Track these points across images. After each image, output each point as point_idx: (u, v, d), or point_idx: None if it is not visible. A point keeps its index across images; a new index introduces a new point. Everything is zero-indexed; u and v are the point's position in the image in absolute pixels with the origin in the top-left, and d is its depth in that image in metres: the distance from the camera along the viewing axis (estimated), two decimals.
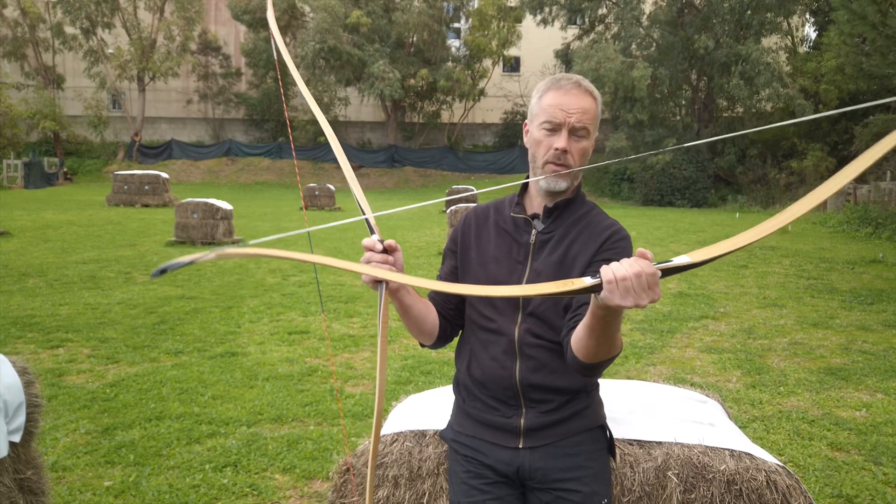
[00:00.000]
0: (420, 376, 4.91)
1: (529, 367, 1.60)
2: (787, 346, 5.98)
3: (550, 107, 1.57)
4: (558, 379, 1.61)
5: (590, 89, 1.59)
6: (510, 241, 1.68)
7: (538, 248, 1.65)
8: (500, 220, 1.72)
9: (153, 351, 5.49)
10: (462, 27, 38.14)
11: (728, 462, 1.77)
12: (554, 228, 1.65)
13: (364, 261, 1.40)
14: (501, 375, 1.62)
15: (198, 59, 39.03)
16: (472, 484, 1.63)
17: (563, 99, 1.56)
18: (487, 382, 1.64)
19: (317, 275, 9.31)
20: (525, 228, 1.68)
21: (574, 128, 1.55)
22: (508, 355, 1.62)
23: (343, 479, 1.90)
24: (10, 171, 30.56)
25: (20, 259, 10.14)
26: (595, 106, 1.59)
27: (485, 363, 1.65)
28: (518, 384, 1.61)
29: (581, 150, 1.58)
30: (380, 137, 39.81)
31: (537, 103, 1.62)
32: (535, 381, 1.61)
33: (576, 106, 1.55)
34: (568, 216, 1.66)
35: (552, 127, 1.57)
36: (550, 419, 1.62)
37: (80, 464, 3.40)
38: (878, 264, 10.85)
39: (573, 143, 1.57)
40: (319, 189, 22.44)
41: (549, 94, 1.59)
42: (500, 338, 1.63)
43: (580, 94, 1.57)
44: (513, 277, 1.64)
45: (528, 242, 1.66)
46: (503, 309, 1.64)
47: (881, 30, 9.36)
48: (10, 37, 36.10)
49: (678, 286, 8.78)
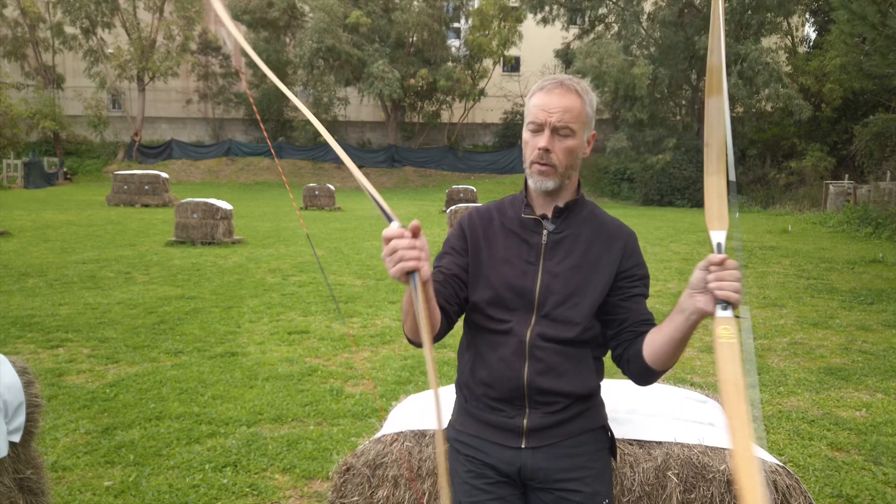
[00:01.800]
0: (420, 376, 4.91)
1: (538, 370, 1.60)
2: (787, 345, 5.98)
3: (535, 108, 1.60)
4: (566, 383, 1.61)
5: (574, 87, 1.59)
6: (519, 242, 1.67)
7: (550, 249, 1.65)
8: (506, 221, 1.71)
9: (153, 351, 5.49)
10: (462, 27, 38.14)
11: (728, 462, 1.77)
12: (564, 228, 1.66)
13: (389, 253, 1.26)
14: (509, 377, 1.61)
15: (197, 58, 39.02)
16: (474, 484, 1.62)
17: (544, 99, 1.58)
18: (494, 383, 1.63)
19: (327, 279, 9.32)
20: (534, 229, 1.67)
21: (555, 127, 1.57)
22: (518, 357, 1.61)
23: (343, 479, 1.90)
24: (10, 171, 30.55)
25: (20, 259, 10.14)
26: (580, 103, 1.59)
27: (492, 364, 1.64)
28: (525, 386, 1.61)
29: (565, 149, 1.59)
30: (379, 137, 39.81)
31: (527, 106, 1.66)
32: (543, 384, 1.60)
33: (556, 105, 1.57)
34: (577, 215, 1.68)
35: (535, 127, 1.60)
36: (554, 420, 1.62)
37: (79, 464, 3.40)
38: (878, 264, 10.86)
39: (556, 142, 1.58)
40: (319, 189, 22.43)
41: (535, 95, 1.62)
42: (510, 339, 1.62)
43: (562, 94, 1.58)
44: (526, 279, 1.63)
45: (539, 243, 1.66)
46: (517, 310, 1.63)
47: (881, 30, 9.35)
48: (10, 37, 36.09)
49: (678, 286, 8.78)
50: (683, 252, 12.29)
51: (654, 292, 8.11)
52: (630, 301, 1.65)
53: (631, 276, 1.66)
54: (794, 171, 26.60)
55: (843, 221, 17.12)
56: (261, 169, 36.53)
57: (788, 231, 16.34)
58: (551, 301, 1.62)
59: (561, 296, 1.62)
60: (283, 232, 14.78)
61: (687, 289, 1.42)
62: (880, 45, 9.78)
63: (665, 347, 1.50)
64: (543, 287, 1.63)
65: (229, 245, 12.44)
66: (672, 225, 18.14)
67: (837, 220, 17.46)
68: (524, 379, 1.60)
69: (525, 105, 1.68)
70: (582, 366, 1.64)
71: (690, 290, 1.39)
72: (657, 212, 24.31)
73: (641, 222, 18.53)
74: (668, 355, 1.50)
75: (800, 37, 32.29)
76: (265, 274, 9.36)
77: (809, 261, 11.22)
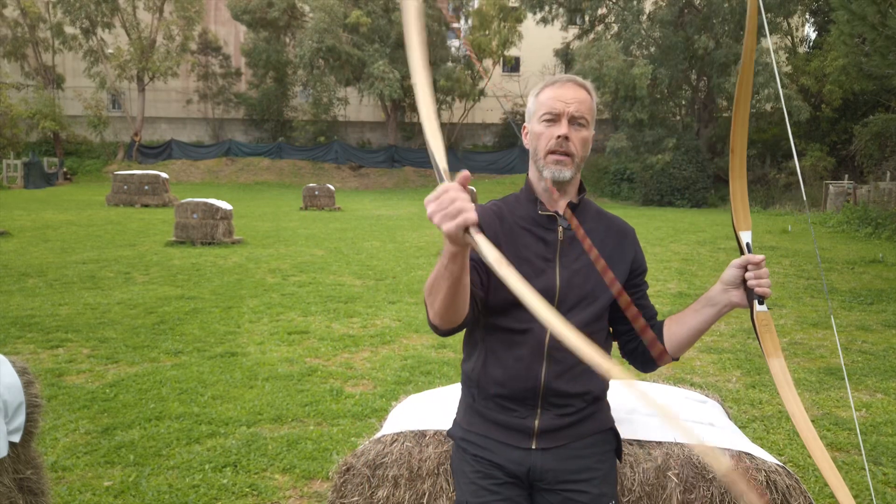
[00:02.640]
0: (420, 376, 4.91)
1: (556, 372, 1.59)
2: (786, 345, 5.98)
3: (549, 99, 1.62)
4: (582, 384, 1.62)
5: (584, 84, 1.65)
6: (536, 239, 1.66)
7: (566, 246, 1.65)
8: (519, 219, 1.68)
9: (153, 351, 5.49)
10: (462, 27, 38.13)
11: (728, 462, 1.77)
12: (579, 225, 1.66)
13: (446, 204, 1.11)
14: (526, 377, 1.60)
15: (197, 58, 39.00)
16: (481, 484, 1.61)
17: (560, 91, 1.62)
18: (508, 382, 1.61)
19: None
20: (549, 226, 1.66)
21: (573, 117, 1.60)
22: (536, 358, 1.60)
23: (343, 479, 1.90)
24: (10, 171, 30.52)
25: (20, 259, 10.13)
26: (590, 99, 1.65)
27: (508, 363, 1.61)
28: (542, 387, 1.60)
29: (582, 140, 1.62)
30: (379, 137, 39.81)
31: (535, 101, 1.67)
32: (559, 386, 1.60)
33: (572, 97, 1.61)
34: (586, 211, 1.71)
35: (552, 117, 1.61)
36: (565, 421, 1.62)
37: (79, 464, 3.40)
38: (878, 264, 10.86)
39: (573, 131, 1.61)
40: (319, 189, 22.42)
41: (546, 90, 1.65)
42: (528, 338, 1.60)
43: (575, 88, 1.63)
44: (546, 277, 1.62)
45: (555, 240, 1.65)
46: None
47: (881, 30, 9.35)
48: (10, 37, 36.07)
49: (678, 286, 8.79)
50: (683, 252, 12.28)
51: (654, 292, 8.11)
52: (642, 297, 1.74)
53: (641, 271, 1.75)
54: (794, 171, 26.59)
55: (842, 221, 17.11)
56: (261, 169, 36.52)
57: (788, 231, 16.34)
58: (571, 298, 1.62)
59: (580, 292, 1.63)
60: (282, 232, 14.77)
61: (719, 283, 1.57)
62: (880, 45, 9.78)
63: (690, 338, 1.64)
64: (563, 285, 1.62)
65: (229, 245, 12.44)
66: (672, 225, 18.14)
67: (837, 221, 17.45)
68: (541, 380, 1.59)
69: (530, 103, 1.69)
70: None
71: (724, 286, 1.56)
72: (657, 212, 24.31)
73: (641, 222, 18.53)
74: (689, 344, 1.66)
75: (800, 37, 32.30)
76: (265, 274, 9.36)
77: (809, 261, 11.23)
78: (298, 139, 38.14)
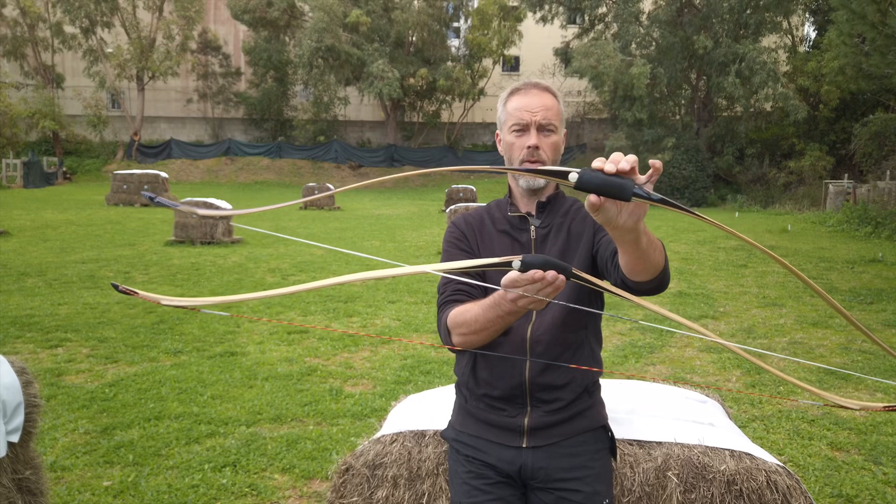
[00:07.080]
0: (420, 376, 4.91)
1: (539, 367, 1.62)
2: (786, 345, 5.98)
3: (516, 110, 1.66)
4: (567, 374, 1.64)
5: (548, 88, 1.68)
6: (511, 240, 1.72)
7: (540, 243, 1.71)
8: (496, 222, 1.76)
9: (152, 350, 5.48)
10: (462, 26, 38.12)
11: (728, 462, 1.77)
12: (550, 222, 1.72)
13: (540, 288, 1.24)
14: (511, 374, 1.63)
15: (197, 58, 38.97)
16: (474, 484, 1.63)
17: (524, 100, 1.66)
18: (495, 382, 1.65)
19: None
20: (521, 226, 1.73)
21: (541, 125, 1.64)
22: (519, 354, 1.63)
23: (342, 479, 1.89)
24: (10, 171, 30.50)
25: (19, 258, 10.13)
26: (556, 103, 1.68)
27: (493, 362, 1.65)
28: (527, 383, 1.63)
29: (551, 145, 1.66)
30: (379, 137, 39.79)
31: (503, 111, 1.71)
32: (545, 381, 1.63)
33: (538, 105, 1.64)
34: (558, 208, 1.74)
35: (521, 128, 1.65)
36: (555, 419, 1.64)
37: (78, 464, 3.40)
38: (878, 264, 10.86)
39: (543, 138, 1.65)
40: (319, 189, 22.42)
41: (511, 99, 1.69)
42: (511, 337, 1.64)
43: (540, 94, 1.66)
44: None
45: (528, 239, 1.71)
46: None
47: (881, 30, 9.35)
48: (9, 36, 36.03)
49: (678, 285, 8.79)
50: (683, 251, 12.28)
51: None
52: (609, 246, 1.60)
53: (603, 232, 1.64)
54: (793, 170, 26.60)
55: (842, 221, 17.10)
56: (260, 168, 36.50)
57: (788, 231, 16.34)
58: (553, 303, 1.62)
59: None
60: (282, 231, 14.77)
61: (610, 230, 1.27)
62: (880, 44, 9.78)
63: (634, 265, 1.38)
64: None
65: (228, 245, 12.43)
66: (672, 225, 18.14)
67: (837, 220, 17.43)
68: (526, 376, 1.62)
69: (499, 112, 1.73)
70: (581, 352, 1.67)
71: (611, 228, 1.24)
72: (657, 212, 24.19)
73: None
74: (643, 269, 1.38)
75: (800, 36, 32.28)
76: (264, 273, 9.35)
77: (809, 260, 11.22)
78: (298, 138, 38.12)
